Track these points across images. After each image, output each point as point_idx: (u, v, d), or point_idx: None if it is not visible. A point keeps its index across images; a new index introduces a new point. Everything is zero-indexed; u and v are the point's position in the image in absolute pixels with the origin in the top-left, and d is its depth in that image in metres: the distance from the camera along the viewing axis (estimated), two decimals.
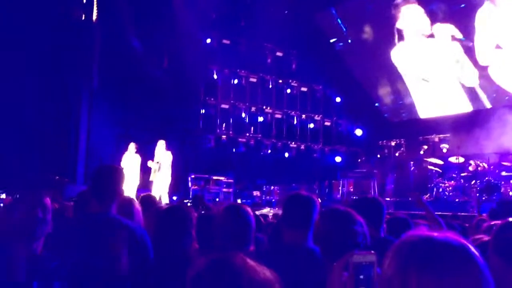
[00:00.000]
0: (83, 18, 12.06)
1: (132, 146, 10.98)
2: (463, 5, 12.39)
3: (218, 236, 2.87)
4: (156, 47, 13.05)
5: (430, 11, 13.06)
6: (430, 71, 13.59)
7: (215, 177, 13.18)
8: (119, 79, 12.25)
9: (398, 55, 14.12)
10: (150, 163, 10.78)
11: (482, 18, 11.95)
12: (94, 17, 12.10)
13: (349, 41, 15.31)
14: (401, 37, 13.83)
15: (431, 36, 13.04)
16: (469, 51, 12.51)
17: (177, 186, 12.25)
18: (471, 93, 12.98)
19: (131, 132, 12.16)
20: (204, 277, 1.36)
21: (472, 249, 1.13)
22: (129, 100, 12.49)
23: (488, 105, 12.76)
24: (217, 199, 12.73)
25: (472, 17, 12.15)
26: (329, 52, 15.75)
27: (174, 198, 11.44)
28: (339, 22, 15.10)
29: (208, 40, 14.60)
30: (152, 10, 12.63)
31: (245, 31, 14.72)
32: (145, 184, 10.76)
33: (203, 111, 14.50)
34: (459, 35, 12.54)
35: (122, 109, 12.50)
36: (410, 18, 13.43)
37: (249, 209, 3.16)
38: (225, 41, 14.83)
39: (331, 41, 15.60)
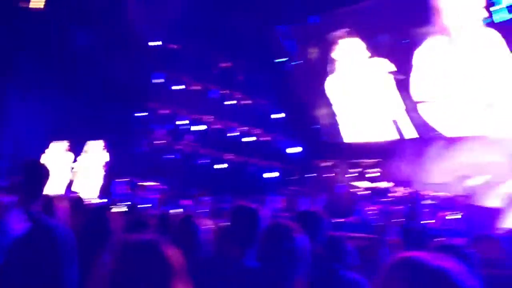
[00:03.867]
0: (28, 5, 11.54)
1: (62, 144, 10.58)
2: (407, 41, 13.09)
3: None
4: (98, 44, 12.68)
5: (371, 43, 13.68)
6: (363, 100, 14.21)
7: (146, 183, 12.92)
8: (55, 72, 11.78)
9: (331, 85, 14.66)
10: (75, 164, 10.45)
11: (420, 55, 12.68)
12: (38, 5, 11.61)
13: (297, 61, 15.67)
14: (335, 67, 14.41)
15: (367, 68, 13.66)
16: (401, 85, 13.20)
17: (105, 188, 11.88)
18: (399, 122, 13.68)
19: (64, 129, 11.69)
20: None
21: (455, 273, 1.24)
22: (64, 95, 12.02)
23: (415, 135, 13.48)
24: (147, 206, 12.46)
25: (411, 52, 12.83)
26: (276, 69, 16.02)
27: (103, 200, 11.08)
28: (289, 41, 15.44)
29: (154, 43, 14.37)
30: (98, 4, 12.30)
31: (193, 37, 14.63)
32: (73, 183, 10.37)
33: (140, 114, 14.20)
34: (393, 68, 13.23)
35: (56, 105, 12.00)
36: (349, 51, 14.03)
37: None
38: (172, 46, 14.65)
39: (280, 60, 15.92)
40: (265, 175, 16.13)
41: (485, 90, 11.82)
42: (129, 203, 10.63)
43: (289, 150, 16.48)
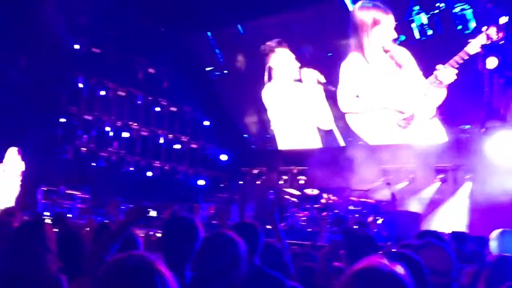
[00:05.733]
0: None
1: None
2: (330, 54, 13.54)
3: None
4: (13, 44, 11.92)
5: (299, 55, 14.03)
6: (295, 109, 14.51)
7: (69, 191, 12.32)
8: None
9: (267, 94, 14.87)
10: None
11: (345, 68, 13.20)
12: None
13: (225, 71, 15.68)
14: (270, 77, 14.62)
15: (299, 80, 13.97)
16: (330, 96, 13.66)
17: (25, 198, 11.13)
18: (328, 131, 14.11)
19: None
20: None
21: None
22: None
23: (342, 143, 13.95)
24: (70, 215, 11.86)
25: (337, 65, 13.32)
26: (203, 76, 15.94)
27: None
28: (216, 51, 15.43)
29: (76, 46, 13.76)
30: (13, 3, 11.59)
31: (117, 42, 14.19)
32: None
33: (63, 119, 13.53)
34: (323, 80, 13.62)
35: None
36: (281, 61, 14.30)
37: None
38: (95, 50, 14.11)
39: (207, 69, 15.85)
40: (193, 183, 15.95)
41: (401, 103, 12.52)
42: (49, 213, 10.08)
43: (217, 158, 16.44)
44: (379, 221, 10.52)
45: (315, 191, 12.16)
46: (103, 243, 3.01)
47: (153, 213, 11.62)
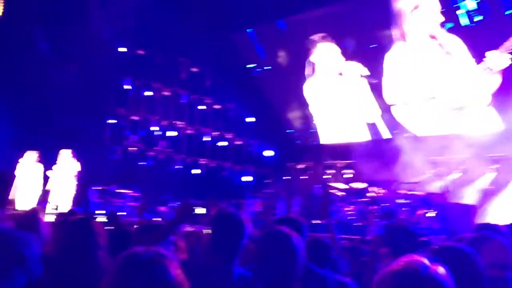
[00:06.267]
0: None
1: (32, 155, 10.25)
2: (374, 46, 13.28)
3: None
4: (64, 50, 12.38)
5: (342, 48, 13.83)
6: (339, 102, 14.31)
7: (120, 190, 12.68)
8: (20, 80, 11.41)
9: (309, 88, 14.73)
10: (49, 172, 10.17)
11: (390, 59, 12.90)
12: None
13: (267, 68, 15.67)
14: (313, 71, 14.48)
15: (341, 73, 13.77)
16: (375, 88, 13.38)
17: (78, 197, 11.56)
18: (373, 124, 13.85)
19: (32, 138, 11.30)
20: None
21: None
22: (30, 103, 11.65)
23: (389, 135, 13.66)
24: (122, 213, 12.22)
25: (381, 57, 13.04)
26: (245, 73, 15.98)
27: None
28: (257, 47, 15.45)
29: (122, 49, 14.14)
30: (62, 11, 12.02)
31: (161, 43, 14.47)
32: (46, 194, 10.04)
33: (111, 121, 13.94)
34: (367, 72, 13.36)
35: (22, 113, 11.62)
36: (324, 55, 14.12)
37: None
38: (140, 52, 14.47)
39: (249, 66, 15.88)
40: (240, 179, 16.06)
41: (451, 92, 12.12)
42: (105, 212, 10.42)
43: (263, 154, 16.46)
44: (431, 214, 10.23)
45: (363, 185, 11.96)
46: (153, 239, 3.08)
47: (201, 210, 11.77)
